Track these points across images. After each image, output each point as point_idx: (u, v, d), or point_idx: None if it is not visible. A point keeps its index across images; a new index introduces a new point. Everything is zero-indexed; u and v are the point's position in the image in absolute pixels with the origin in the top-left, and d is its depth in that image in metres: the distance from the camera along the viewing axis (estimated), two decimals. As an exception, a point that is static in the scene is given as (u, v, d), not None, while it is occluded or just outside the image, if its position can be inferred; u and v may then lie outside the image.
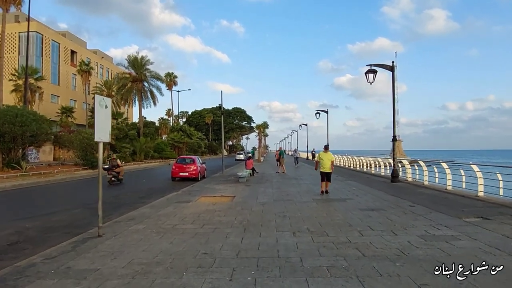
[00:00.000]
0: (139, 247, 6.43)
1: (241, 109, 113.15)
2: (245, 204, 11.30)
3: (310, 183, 17.75)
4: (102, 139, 7.48)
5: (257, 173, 24.64)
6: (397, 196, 12.47)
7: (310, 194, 13.39)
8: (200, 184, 18.75)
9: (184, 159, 23.39)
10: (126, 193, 16.14)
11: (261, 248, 6.23)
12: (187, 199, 12.58)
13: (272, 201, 11.80)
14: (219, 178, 22.60)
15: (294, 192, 14.31)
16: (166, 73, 68.29)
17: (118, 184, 20.20)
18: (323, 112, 37.25)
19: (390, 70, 17.30)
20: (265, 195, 13.54)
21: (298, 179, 20.34)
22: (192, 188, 16.44)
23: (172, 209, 10.47)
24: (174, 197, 13.25)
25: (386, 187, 15.64)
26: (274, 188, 15.98)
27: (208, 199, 12.73)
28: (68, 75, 63.70)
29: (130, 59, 49.33)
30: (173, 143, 59.83)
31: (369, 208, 10.18)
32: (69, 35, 69.78)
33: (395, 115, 17.44)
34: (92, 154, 28.90)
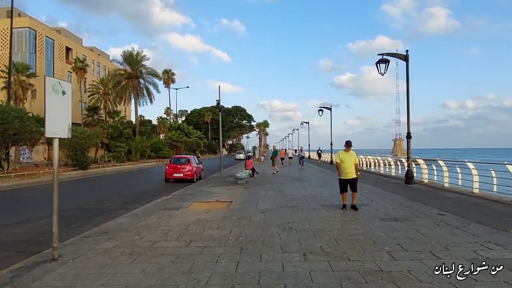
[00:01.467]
0: (99, 278, 4.78)
1: (241, 108, 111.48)
2: (243, 211, 9.65)
3: (316, 185, 16.10)
4: (58, 135, 5.82)
5: (258, 173, 23.00)
6: (418, 202, 10.81)
7: (318, 200, 11.73)
8: (194, 186, 17.10)
9: (178, 159, 21.74)
10: (112, 197, 14.49)
11: (263, 281, 4.58)
12: (177, 205, 10.93)
13: (275, 208, 10.15)
14: (217, 179, 20.96)
15: (299, 196, 12.66)
16: (164, 70, 66.59)
17: (104, 187, 18.56)
18: (326, 109, 35.58)
19: (404, 59, 15.64)
20: (266, 199, 11.89)
21: (303, 181, 18.68)
22: (185, 191, 14.79)
23: (156, 219, 8.82)
24: (163, 203, 11.60)
25: (402, 190, 13.98)
26: (276, 191, 14.34)
27: (201, 205, 11.07)
28: (63, 73, 61.84)
29: (125, 55, 47.58)
30: (171, 142, 58.16)
31: (391, 217, 8.53)
32: (64, 32, 68.07)
33: (409, 111, 15.78)
34: (82, 154, 27.26)
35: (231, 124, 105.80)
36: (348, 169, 9.51)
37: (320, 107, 36.03)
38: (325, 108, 35.79)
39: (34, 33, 54.92)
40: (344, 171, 9.56)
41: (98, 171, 29.60)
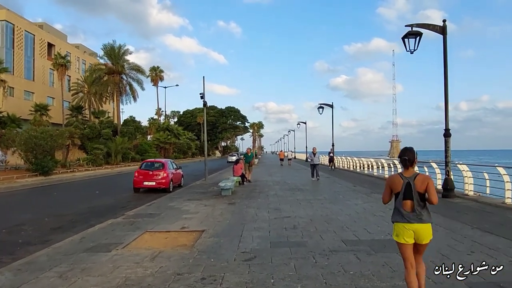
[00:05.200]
0: None
1: (235, 108, 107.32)
2: (216, 258, 5.71)
3: (325, 199, 12.19)
4: None
5: (249, 181, 19.04)
6: (498, 235, 6.93)
7: (334, 227, 7.81)
8: (165, 199, 13.12)
9: (151, 163, 17.73)
10: (44, 218, 10.50)
11: None
12: (115, 240, 6.97)
13: (268, 248, 6.23)
14: (198, 188, 17.00)
15: (304, 219, 8.75)
16: (151, 67, 62.46)
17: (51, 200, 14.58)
18: (327, 106, 31.77)
19: (441, 32, 11.83)
20: (256, 227, 7.96)
21: (305, 191, 14.76)
22: (146, 209, 10.83)
23: (54, 279, 4.88)
24: (99, 233, 7.64)
25: (448, 210, 10.10)
26: (270, 209, 10.41)
27: (154, 239, 7.13)
28: (45, 70, 57.47)
29: (105, 49, 43.42)
30: (158, 144, 53.97)
31: (490, 280, 4.65)
32: (47, 27, 63.73)
33: (447, 100, 11.94)
34: (43, 157, 23.15)
35: (225, 125, 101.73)
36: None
37: (320, 104, 32.22)
38: (326, 105, 31.99)
39: (12, 27, 50.57)
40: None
41: (65, 177, 25.49)
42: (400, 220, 3.68)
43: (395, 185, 3.75)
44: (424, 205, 3.65)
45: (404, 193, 3.66)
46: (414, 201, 3.62)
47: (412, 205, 3.62)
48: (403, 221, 3.65)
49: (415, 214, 3.61)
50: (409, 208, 3.63)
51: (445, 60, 11.76)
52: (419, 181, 3.63)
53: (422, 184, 3.63)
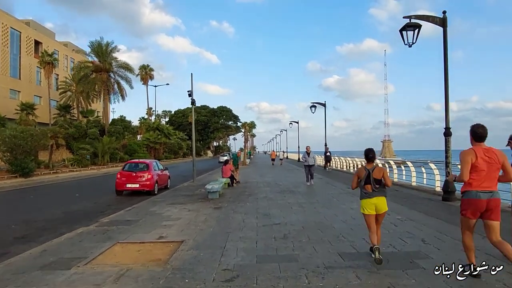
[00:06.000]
0: None
1: (227, 108, 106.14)
2: (192, 277, 4.87)
3: (318, 203, 11.41)
4: None
5: (238, 183, 18.20)
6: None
7: (328, 236, 7.02)
8: (147, 203, 12.23)
9: (135, 164, 16.83)
10: (17, 222, 9.56)
11: None
12: (79, 255, 6.09)
13: (254, 264, 5.41)
14: (185, 190, 16.13)
15: (295, 226, 7.94)
16: (141, 65, 61.14)
17: (26, 203, 13.59)
18: (320, 105, 31.06)
19: (441, 25, 11.11)
20: (242, 236, 7.14)
21: (296, 194, 13.96)
22: (125, 214, 9.95)
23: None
24: (62, 246, 6.75)
25: (453, 215, 9.36)
26: (259, 214, 9.59)
27: (123, 254, 6.25)
28: (32, 68, 55.89)
29: (92, 46, 42.16)
30: (148, 144, 52.79)
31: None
32: (34, 24, 62.09)
33: (447, 97, 11.21)
34: (24, 157, 22.04)
35: (217, 125, 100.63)
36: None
37: (313, 103, 31.50)
38: (319, 104, 31.29)
39: (-4, 23, 49.15)
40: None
41: (47, 179, 24.38)
42: (365, 197, 5.33)
43: (361, 174, 5.40)
44: (379, 186, 5.27)
45: (365, 179, 5.31)
46: (371, 184, 5.25)
47: (371, 187, 5.26)
48: (367, 197, 5.30)
49: (373, 192, 5.25)
50: (370, 189, 5.28)
51: (445, 54, 11.04)
52: (376, 171, 5.31)
53: (379, 173, 5.31)
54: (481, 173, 4.29)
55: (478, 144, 4.43)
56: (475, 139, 4.46)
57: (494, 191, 4.36)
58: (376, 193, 5.22)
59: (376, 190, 5.21)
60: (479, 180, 4.30)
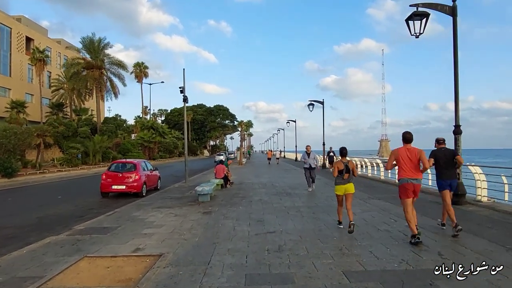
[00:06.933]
0: None
1: (223, 107, 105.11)
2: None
3: (317, 207, 10.48)
4: None
5: (232, 183, 17.24)
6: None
7: (329, 246, 6.10)
8: (131, 207, 11.25)
9: (122, 165, 15.84)
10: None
11: None
12: (35, 273, 5.14)
13: (242, 286, 4.48)
14: (175, 192, 15.16)
15: (292, 236, 7.00)
16: (135, 63, 59.97)
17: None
18: (318, 103, 30.16)
19: (450, 14, 10.21)
20: (231, 247, 6.20)
21: (293, 196, 13.03)
22: (100, 223, 8.95)
23: None
24: (19, 260, 5.78)
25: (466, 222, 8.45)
26: (252, 220, 8.66)
27: (89, 271, 5.29)
28: (23, 66, 54.62)
29: (84, 42, 41.00)
30: (143, 143, 51.69)
31: None
32: (26, 21, 60.76)
33: (457, 93, 10.33)
34: (8, 157, 21.00)
35: (213, 124, 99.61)
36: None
37: (310, 101, 30.60)
38: (317, 102, 30.39)
39: (-15, 20, 47.93)
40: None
41: (33, 179, 23.33)
42: (340, 183, 7.26)
43: (340, 166, 7.17)
44: (350, 175, 7.18)
45: (344, 170, 7.14)
46: (348, 173, 7.15)
47: (348, 176, 7.16)
48: (342, 183, 7.24)
49: (347, 180, 7.19)
50: (346, 177, 7.17)
51: (454, 46, 10.13)
52: (350, 164, 7.25)
53: (352, 165, 7.26)
54: (406, 165, 6.15)
55: (405, 145, 6.28)
56: (403, 141, 6.32)
57: (418, 178, 6.20)
58: (347, 180, 7.20)
59: (349, 178, 7.19)
60: (407, 170, 6.16)
